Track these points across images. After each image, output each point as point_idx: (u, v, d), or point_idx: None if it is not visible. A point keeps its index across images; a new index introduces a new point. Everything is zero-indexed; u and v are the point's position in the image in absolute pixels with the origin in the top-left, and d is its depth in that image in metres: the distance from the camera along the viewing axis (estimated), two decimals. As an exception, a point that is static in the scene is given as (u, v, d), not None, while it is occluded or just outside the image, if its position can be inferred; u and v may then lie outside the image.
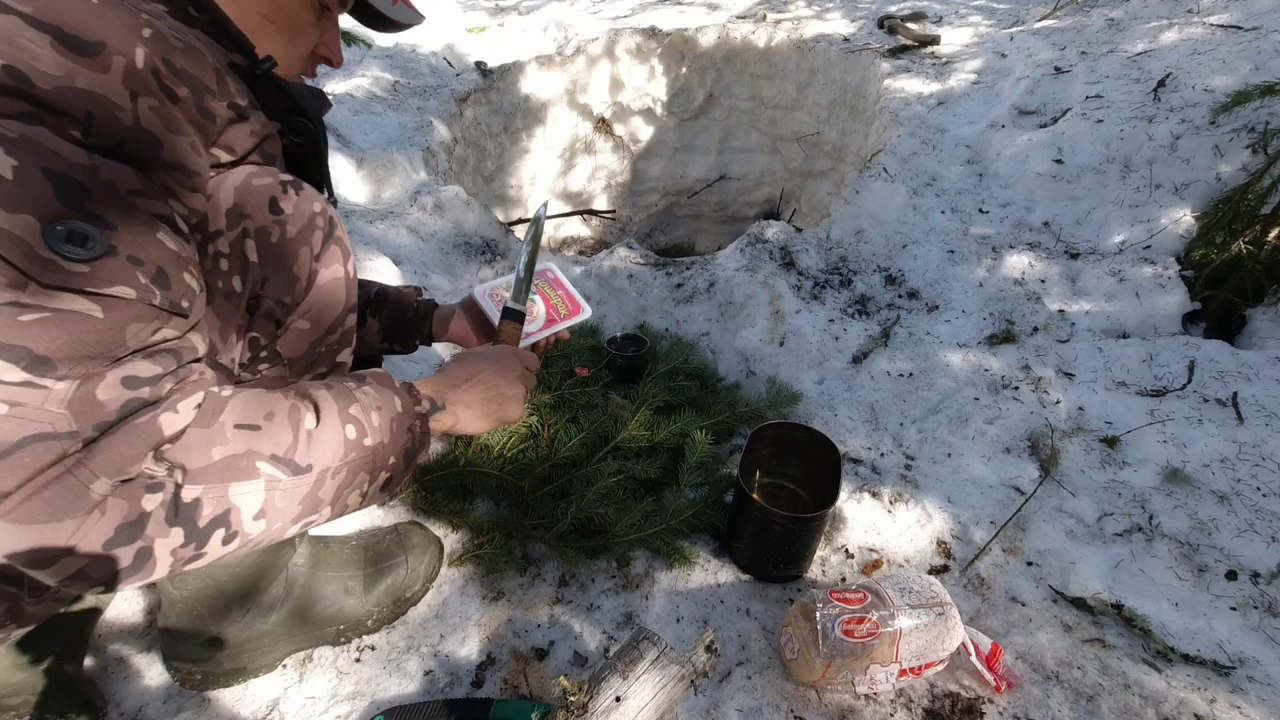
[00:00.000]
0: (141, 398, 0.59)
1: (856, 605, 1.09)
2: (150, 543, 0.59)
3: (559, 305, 1.24)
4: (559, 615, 1.24)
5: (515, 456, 1.43)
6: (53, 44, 0.54)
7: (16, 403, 0.53)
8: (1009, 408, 1.66)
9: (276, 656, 1.12)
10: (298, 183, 0.80)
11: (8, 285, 0.52)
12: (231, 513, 0.64)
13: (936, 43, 3.23)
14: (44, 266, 0.53)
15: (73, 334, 0.55)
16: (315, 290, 0.81)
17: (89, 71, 0.55)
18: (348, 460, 0.72)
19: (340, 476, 0.72)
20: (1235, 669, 1.16)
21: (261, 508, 0.66)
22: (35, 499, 0.54)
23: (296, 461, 0.68)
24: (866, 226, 2.30)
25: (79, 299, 0.55)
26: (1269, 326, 1.84)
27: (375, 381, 0.80)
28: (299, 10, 0.79)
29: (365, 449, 0.74)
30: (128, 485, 0.58)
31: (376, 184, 2.41)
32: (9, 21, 0.53)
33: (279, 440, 0.67)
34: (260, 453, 0.65)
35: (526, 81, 3.34)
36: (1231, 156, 2.04)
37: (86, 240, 0.55)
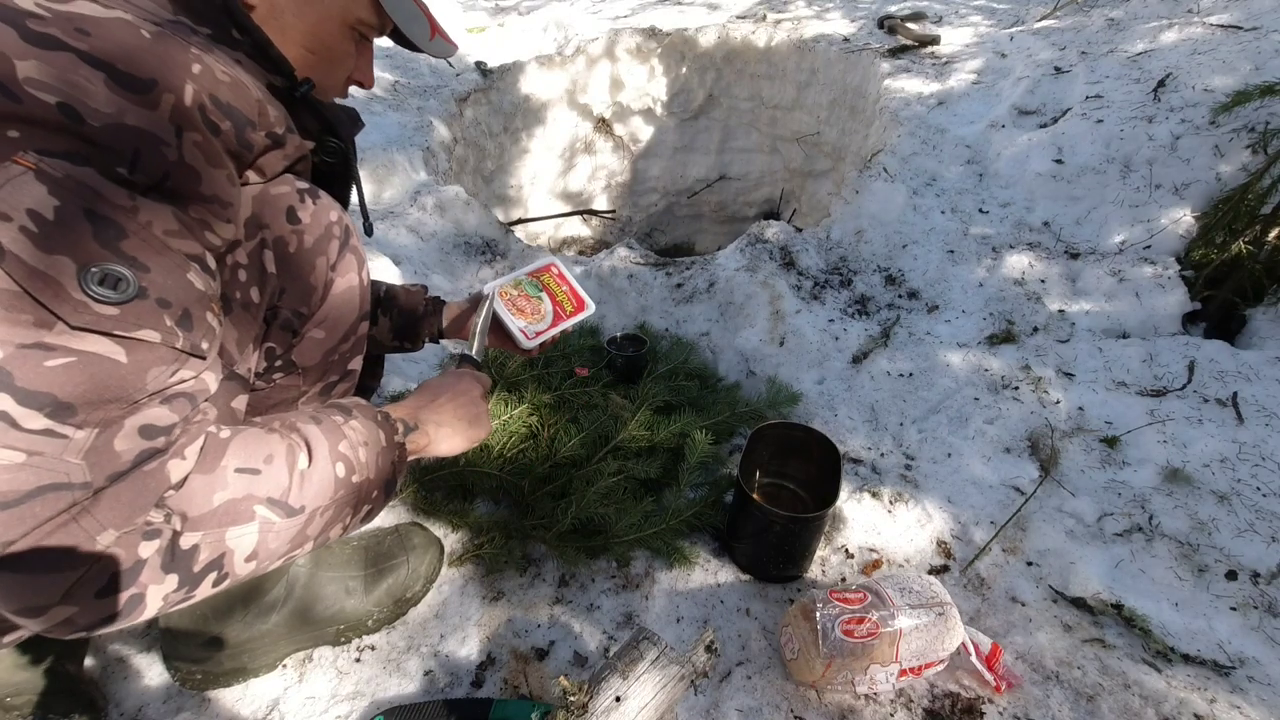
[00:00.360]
0: (156, 447, 0.59)
1: (856, 605, 1.09)
2: (143, 589, 0.59)
3: (565, 302, 1.23)
4: (559, 615, 1.24)
5: (515, 456, 1.43)
6: (106, 81, 0.55)
7: (35, 451, 0.53)
8: (1009, 408, 1.66)
9: (277, 656, 1.12)
10: (315, 191, 0.81)
11: (35, 325, 0.52)
12: (226, 556, 0.64)
13: (936, 43, 3.23)
14: (75, 308, 0.53)
15: (96, 379, 0.55)
16: (331, 300, 0.82)
17: (138, 109, 0.56)
18: (336, 498, 0.72)
19: (328, 514, 0.72)
20: (1235, 669, 1.16)
21: (254, 549, 0.66)
22: (39, 548, 0.53)
23: (291, 504, 0.68)
24: (866, 226, 2.30)
25: (105, 341, 0.55)
26: (1269, 326, 1.84)
27: (360, 414, 0.79)
28: (340, 42, 0.81)
29: (353, 485, 0.74)
30: (126, 536, 0.57)
31: (376, 184, 2.41)
32: (65, 59, 0.54)
33: (276, 483, 0.67)
34: (258, 496, 0.65)
35: (526, 81, 3.35)
36: (1231, 156, 2.04)
37: (119, 283, 0.55)
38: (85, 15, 0.56)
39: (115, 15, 0.58)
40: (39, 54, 0.53)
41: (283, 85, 0.78)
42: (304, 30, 0.77)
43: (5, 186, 0.51)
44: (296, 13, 0.76)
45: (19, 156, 0.52)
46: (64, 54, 0.54)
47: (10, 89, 0.52)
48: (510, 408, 1.51)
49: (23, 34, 0.53)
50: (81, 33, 0.55)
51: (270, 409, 0.84)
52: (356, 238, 0.86)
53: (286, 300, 0.77)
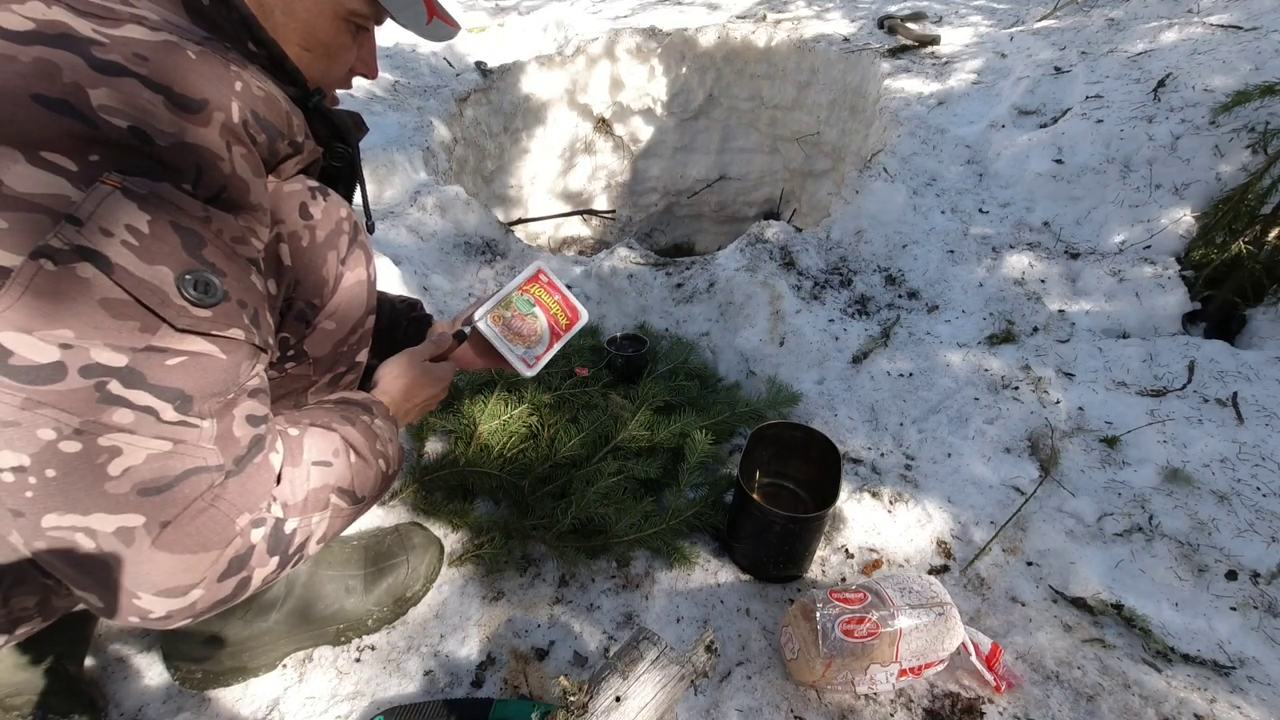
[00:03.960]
0: (260, 433, 0.66)
1: (856, 605, 1.09)
2: (251, 572, 0.66)
3: (559, 314, 1.18)
4: (559, 615, 1.24)
5: (515, 456, 1.43)
6: (165, 103, 0.58)
7: (179, 440, 0.59)
8: (1009, 408, 1.66)
9: (277, 655, 1.12)
10: (324, 189, 0.83)
11: (142, 330, 0.57)
12: (310, 539, 0.73)
13: (936, 43, 3.23)
14: (178, 313, 0.58)
15: (206, 374, 0.61)
16: (340, 292, 0.85)
17: (196, 127, 0.59)
18: (377, 490, 0.84)
19: (373, 502, 0.85)
20: (1235, 669, 1.16)
21: (325, 532, 0.76)
22: (189, 527, 0.60)
23: (356, 493, 0.78)
24: (866, 226, 2.30)
25: (203, 341, 0.60)
26: (1269, 326, 1.84)
27: (379, 412, 0.88)
28: (335, 36, 0.82)
29: (386, 479, 0.85)
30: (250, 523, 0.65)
31: (377, 184, 2.41)
32: (130, 84, 0.56)
33: (341, 474, 0.77)
34: (331, 485, 0.75)
35: (526, 81, 3.34)
36: (1231, 156, 2.04)
37: (210, 287, 0.60)
38: (138, 39, 0.58)
39: (163, 38, 0.60)
40: (108, 80, 0.55)
41: (297, 96, 0.80)
42: (296, 28, 0.78)
43: (101, 205, 0.54)
44: (285, 10, 0.77)
45: (105, 177, 0.55)
46: (129, 79, 0.56)
47: (88, 115, 0.54)
48: (510, 408, 1.51)
49: (91, 62, 0.55)
50: (140, 58, 0.57)
51: (281, 398, 0.86)
52: (364, 234, 0.90)
53: (301, 292, 0.80)
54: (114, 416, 0.56)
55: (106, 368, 0.55)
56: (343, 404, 0.86)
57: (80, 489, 0.56)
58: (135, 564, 0.58)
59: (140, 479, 0.57)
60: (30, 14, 0.55)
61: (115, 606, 0.60)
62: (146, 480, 0.58)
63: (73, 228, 0.53)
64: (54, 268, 0.53)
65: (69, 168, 0.54)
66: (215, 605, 0.64)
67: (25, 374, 0.53)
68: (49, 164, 0.54)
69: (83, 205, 0.54)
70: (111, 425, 0.56)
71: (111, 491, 0.56)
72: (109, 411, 0.55)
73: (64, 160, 0.54)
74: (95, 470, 0.56)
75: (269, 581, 0.69)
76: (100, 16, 0.58)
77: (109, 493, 0.56)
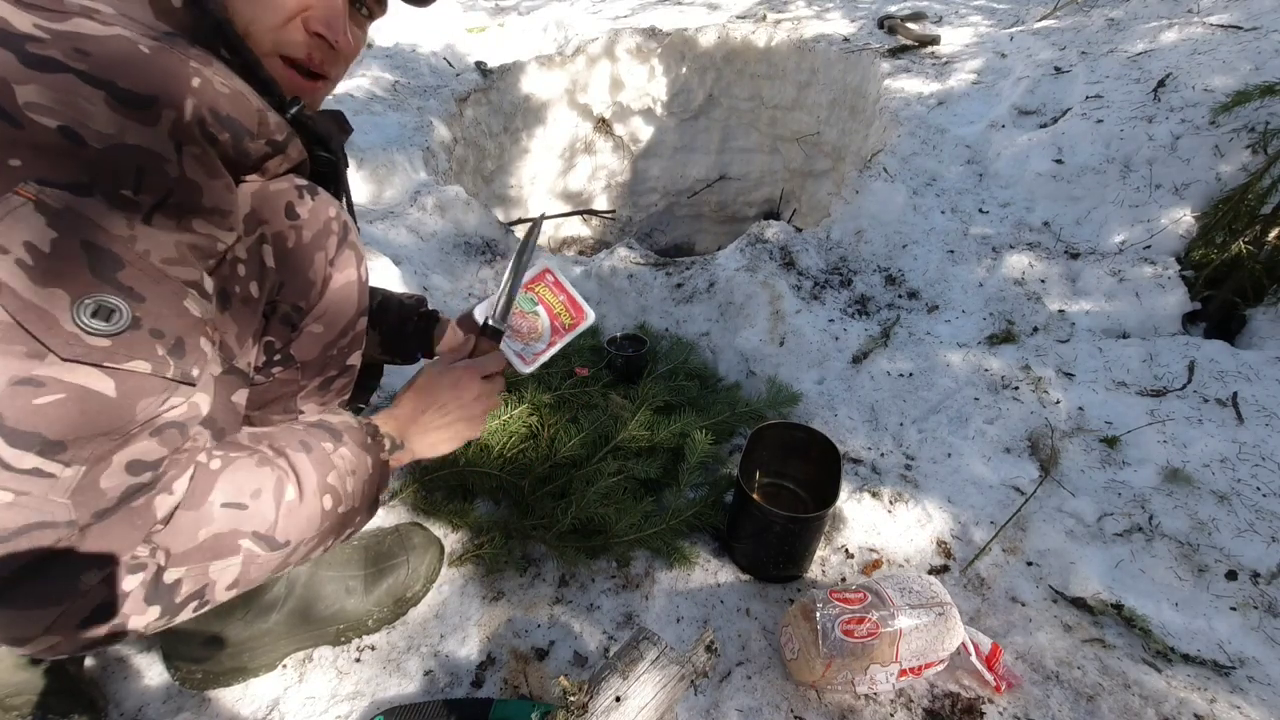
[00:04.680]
0: (142, 483, 0.59)
1: (856, 605, 1.09)
2: (126, 619, 0.60)
3: (563, 314, 1.17)
4: (559, 615, 1.24)
5: (515, 456, 1.43)
6: (106, 100, 0.54)
7: (22, 491, 0.53)
8: (1009, 408, 1.66)
9: (277, 656, 1.12)
10: (313, 187, 0.80)
11: (27, 356, 0.52)
12: (208, 587, 0.66)
13: (936, 43, 3.23)
14: (66, 340, 0.53)
15: (87, 413, 0.55)
16: (329, 294, 0.82)
17: (139, 126, 0.55)
18: (321, 529, 0.74)
19: (312, 543, 0.75)
20: (1235, 669, 1.16)
21: (236, 579, 0.68)
22: (25, 584, 0.55)
23: (276, 539, 0.69)
24: (866, 226, 2.30)
25: (95, 373, 0.55)
26: (1269, 326, 1.84)
27: (350, 439, 0.81)
28: None
29: (338, 516, 0.76)
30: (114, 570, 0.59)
31: (377, 184, 2.41)
32: (65, 81, 0.52)
33: (263, 518, 0.68)
34: (244, 531, 0.67)
35: (526, 81, 3.35)
36: (1231, 156, 2.04)
37: (113, 314, 0.55)
38: (84, 34, 0.55)
39: (114, 32, 0.56)
40: (39, 77, 0.52)
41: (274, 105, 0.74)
42: None
43: (5, 220, 0.51)
44: None
45: (21, 188, 0.51)
46: (65, 75, 0.52)
47: (11, 114, 0.51)
48: (510, 408, 1.51)
49: (22, 58, 0.52)
50: (81, 53, 0.54)
51: (269, 403, 0.84)
52: (355, 234, 0.86)
53: (285, 295, 0.77)
54: None
55: None
56: (314, 427, 0.80)
57: None
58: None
59: None
60: None
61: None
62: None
63: None
64: None
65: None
66: (88, 646, 0.60)
67: None
68: None
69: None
70: None
71: None
72: None
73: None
74: None
75: (155, 627, 0.63)
76: (46, 9, 0.54)
77: None
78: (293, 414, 0.87)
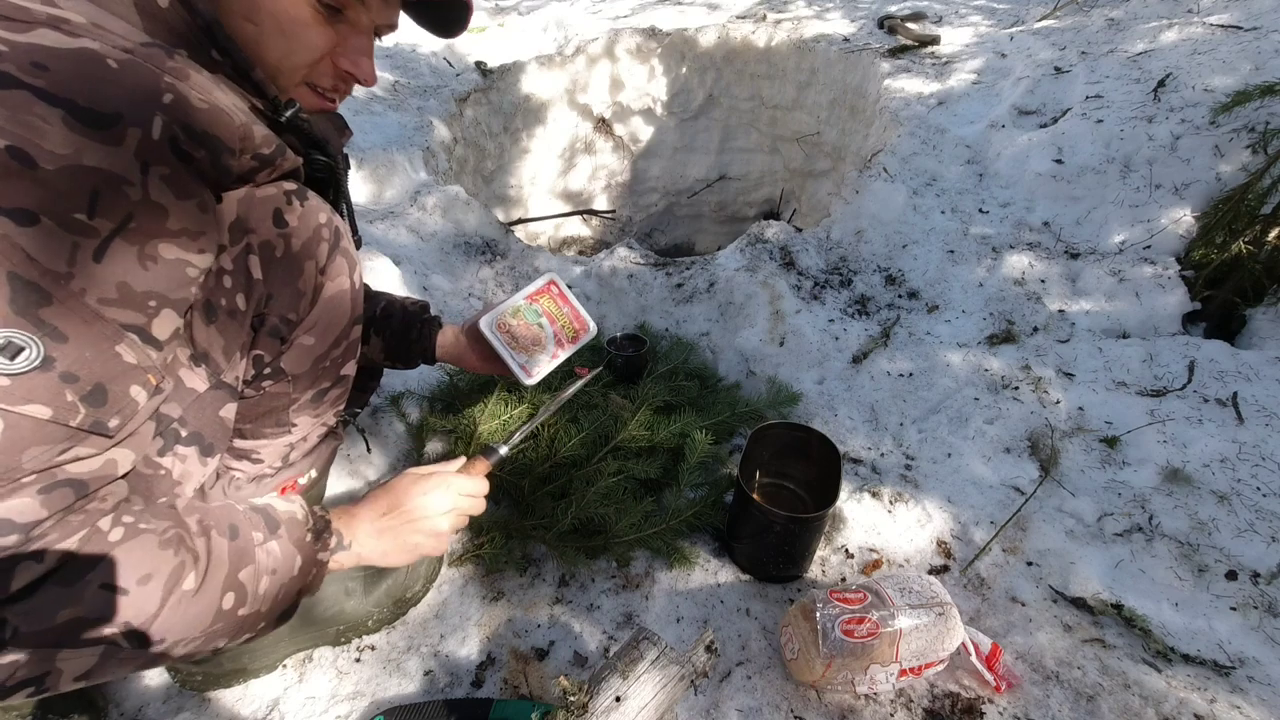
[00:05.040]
0: (4, 545, 0.53)
1: (856, 605, 1.09)
2: None
3: (566, 326, 1.18)
4: (559, 615, 1.24)
5: (515, 456, 1.43)
6: (64, 119, 0.51)
7: None
8: (1009, 408, 1.66)
9: (277, 657, 1.12)
10: (303, 192, 0.76)
11: None
12: (49, 675, 0.59)
13: (936, 43, 3.23)
14: None
15: None
16: (321, 304, 0.79)
17: (99, 146, 0.52)
18: (209, 630, 0.67)
19: (194, 644, 0.67)
20: (1235, 669, 1.16)
21: (87, 672, 0.61)
22: None
23: (150, 634, 0.62)
24: (866, 226, 2.30)
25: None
26: (1269, 326, 1.84)
27: (287, 533, 0.76)
28: (284, 6, 0.70)
29: (236, 618, 0.69)
30: None
31: (377, 184, 2.41)
32: (19, 97, 0.49)
33: (141, 609, 0.60)
34: (113, 620, 0.59)
35: (526, 81, 3.35)
36: (1231, 156, 2.04)
37: (20, 353, 0.51)
38: (46, 47, 0.51)
39: (79, 45, 0.53)
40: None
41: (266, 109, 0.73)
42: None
43: None
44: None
45: None
46: (18, 92, 0.49)
47: None
48: (510, 408, 1.51)
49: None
50: (39, 67, 0.50)
51: (261, 416, 0.83)
52: (347, 239, 0.82)
53: (274, 307, 0.74)
54: None
55: None
56: (254, 511, 0.75)
57: None
58: None
59: None
60: None
61: None
62: None
63: None
64: None
65: None
66: None
67: None
68: None
69: None
70: None
71: None
72: None
73: None
74: None
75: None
76: (10, 19, 0.51)
77: None
78: (286, 427, 0.85)
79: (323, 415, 0.89)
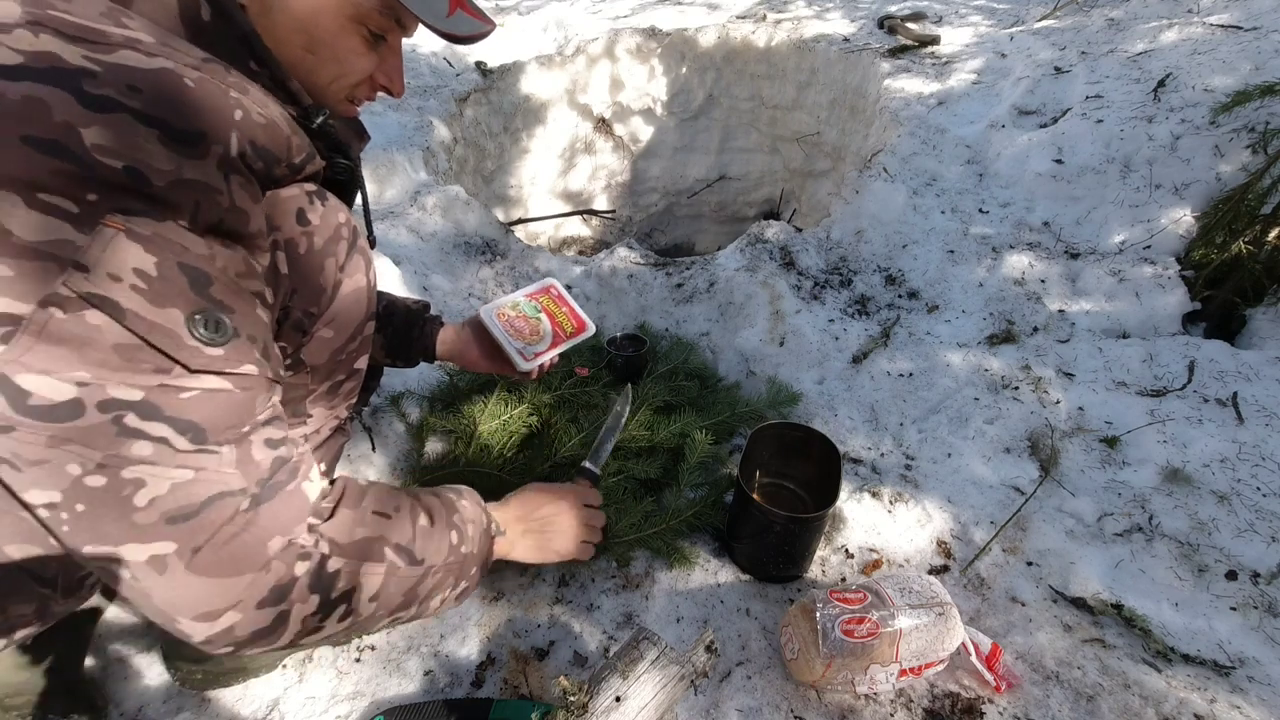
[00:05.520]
0: (283, 456, 0.67)
1: (856, 605, 1.09)
2: (290, 606, 0.66)
3: (564, 323, 1.23)
4: (559, 615, 1.24)
5: (515, 456, 1.43)
6: (160, 139, 0.56)
7: (200, 467, 0.60)
8: (1009, 408, 1.66)
9: (277, 656, 1.12)
10: (323, 193, 0.81)
11: (155, 371, 0.57)
12: (356, 590, 0.71)
13: (936, 43, 3.23)
14: (191, 354, 0.58)
15: (220, 409, 0.61)
16: (339, 300, 0.83)
17: (193, 162, 0.58)
18: (447, 562, 0.81)
19: (438, 577, 0.80)
20: (1235, 669, 1.16)
21: (377, 591, 0.73)
22: (222, 551, 0.61)
23: (414, 553, 0.76)
24: (866, 226, 2.30)
25: (217, 379, 0.61)
26: (1269, 326, 1.84)
27: (469, 498, 0.90)
28: (343, 39, 0.77)
29: (461, 555, 0.83)
30: (287, 550, 0.65)
31: (377, 184, 2.41)
32: (123, 121, 0.54)
33: (403, 531, 0.76)
34: (389, 539, 0.74)
35: (526, 81, 3.34)
36: (1231, 156, 2.04)
37: (220, 325, 0.60)
38: (132, 67, 0.56)
39: (158, 65, 0.57)
40: (98, 118, 0.53)
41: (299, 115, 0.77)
42: (294, 27, 0.73)
43: (107, 250, 0.54)
44: (284, 7, 0.72)
45: (108, 219, 0.54)
46: (121, 115, 0.54)
47: (82, 157, 0.53)
48: (510, 408, 1.51)
49: (81, 99, 0.53)
50: (133, 89, 0.55)
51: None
52: (364, 240, 0.87)
53: (298, 300, 0.78)
54: (134, 449, 0.56)
55: (122, 402, 0.56)
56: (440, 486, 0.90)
57: (109, 521, 0.57)
58: (170, 589, 0.60)
59: (166, 508, 0.58)
60: (18, 45, 0.52)
61: (164, 627, 0.63)
62: (172, 509, 0.58)
63: (80, 275, 0.53)
64: (64, 316, 0.53)
65: (69, 209, 0.53)
66: (256, 637, 0.65)
67: (45, 413, 0.53)
68: (49, 206, 0.52)
69: (89, 250, 0.53)
70: (132, 458, 0.56)
71: (140, 521, 0.58)
72: (128, 445, 0.56)
73: (63, 202, 0.53)
74: (122, 502, 0.57)
75: (309, 626, 0.68)
76: (91, 42, 0.55)
77: (137, 523, 0.58)
78: (302, 417, 0.88)
79: (336, 408, 0.92)
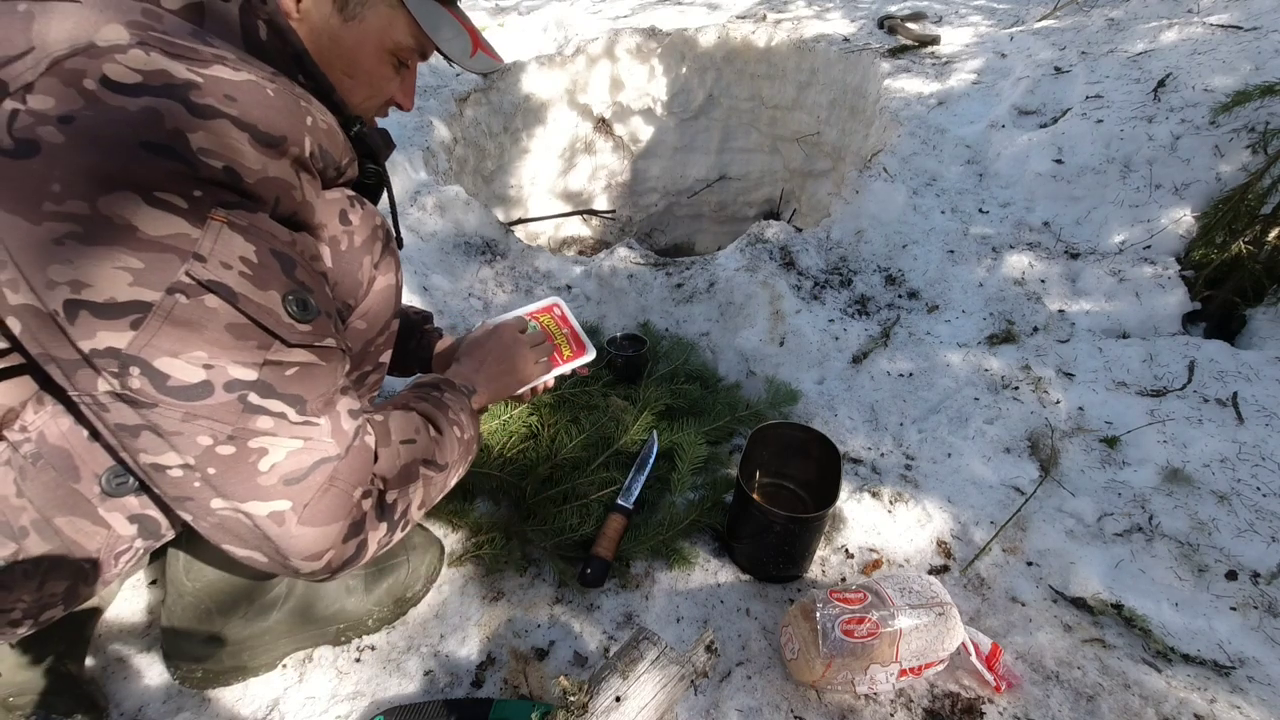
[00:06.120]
0: (359, 424, 0.76)
1: (856, 605, 1.09)
2: (366, 535, 0.76)
3: (564, 346, 1.23)
4: (559, 615, 1.24)
5: (515, 457, 1.43)
6: (250, 141, 0.64)
7: (308, 437, 0.69)
8: (1009, 408, 1.66)
9: (277, 655, 1.12)
10: (361, 198, 0.91)
11: (259, 347, 0.65)
12: (410, 506, 0.83)
13: (936, 43, 3.23)
14: (288, 330, 0.67)
15: (313, 379, 0.70)
16: (372, 295, 0.91)
17: (276, 161, 0.67)
18: (460, 454, 0.93)
19: (457, 466, 0.93)
20: (1235, 669, 1.16)
21: (423, 499, 0.86)
22: (322, 504, 0.71)
23: (438, 461, 0.87)
24: (866, 226, 2.30)
25: (307, 352, 0.69)
26: (1269, 326, 1.84)
27: (447, 387, 0.97)
28: (379, 68, 0.87)
29: (465, 442, 0.94)
30: (364, 497, 0.75)
31: (377, 184, 2.41)
32: (222, 126, 0.62)
33: (425, 448, 0.86)
34: (419, 459, 0.84)
35: (526, 81, 3.34)
36: (1231, 156, 2.04)
37: (306, 304, 0.69)
38: (226, 79, 0.63)
39: (245, 78, 0.65)
40: (204, 124, 0.61)
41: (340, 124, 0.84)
42: (341, 55, 0.83)
43: (218, 241, 0.62)
44: (333, 39, 0.82)
45: (214, 213, 0.62)
46: (221, 121, 0.62)
47: (189, 159, 0.60)
48: (510, 408, 1.51)
49: (189, 108, 0.60)
50: (230, 99, 0.63)
51: None
52: (394, 243, 0.96)
53: (338, 293, 0.85)
54: (257, 423, 0.66)
55: (244, 382, 0.64)
56: (416, 387, 0.96)
57: (237, 482, 0.66)
58: (286, 538, 0.70)
59: (284, 472, 0.68)
60: (134, 64, 0.59)
61: (273, 568, 0.73)
62: (288, 473, 0.68)
63: (199, 264, 0.61)
64: (187, 301, 0.61)
65: (180, 205, 0.60)
66: (347, 563, 0.75)
67: (181, 393, 0.62)
68: (164, 203, 0.60)
69: (203, 242, 0.61)
70: (257, 430, 0.66)
71: (263, 484, 0.67)
72: (253, 419, 0.65)
73: (175, 199, 0.60)
74: (248, 468, 0.66)
75: (382, 545, 0.79)
76: (190, 59, 0.63)
77: (261, 485, 0.67)
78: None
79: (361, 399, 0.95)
